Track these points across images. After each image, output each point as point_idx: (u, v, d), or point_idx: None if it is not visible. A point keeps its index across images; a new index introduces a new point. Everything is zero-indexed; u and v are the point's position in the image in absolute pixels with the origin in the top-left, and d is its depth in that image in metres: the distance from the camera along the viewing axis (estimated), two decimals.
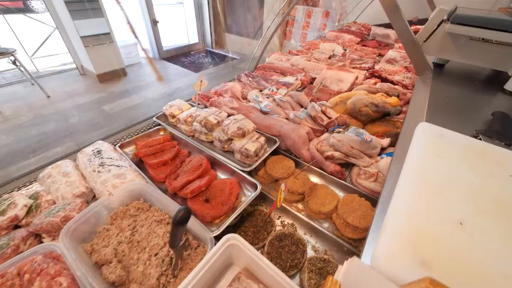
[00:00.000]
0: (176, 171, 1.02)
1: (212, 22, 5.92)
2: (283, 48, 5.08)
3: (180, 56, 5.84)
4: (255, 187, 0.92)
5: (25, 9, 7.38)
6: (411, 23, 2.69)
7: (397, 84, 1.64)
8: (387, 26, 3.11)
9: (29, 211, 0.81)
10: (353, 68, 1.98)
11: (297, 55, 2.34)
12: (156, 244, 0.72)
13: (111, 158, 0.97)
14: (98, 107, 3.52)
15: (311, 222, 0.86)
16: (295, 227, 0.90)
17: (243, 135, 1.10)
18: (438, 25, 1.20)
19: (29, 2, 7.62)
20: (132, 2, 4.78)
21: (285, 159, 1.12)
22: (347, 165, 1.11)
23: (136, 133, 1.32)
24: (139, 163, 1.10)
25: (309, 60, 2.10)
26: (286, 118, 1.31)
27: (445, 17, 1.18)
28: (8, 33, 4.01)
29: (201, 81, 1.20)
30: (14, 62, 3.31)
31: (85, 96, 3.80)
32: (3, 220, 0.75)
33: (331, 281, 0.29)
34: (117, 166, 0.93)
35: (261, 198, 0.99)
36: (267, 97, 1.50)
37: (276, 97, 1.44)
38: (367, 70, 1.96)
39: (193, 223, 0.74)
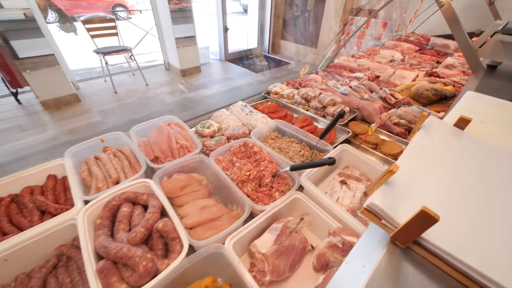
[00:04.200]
0: (291, 122, 1.59)
1: (271, 30, 6.65)
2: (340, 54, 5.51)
3: (240, 59, 6.67)
4: (347, 133, 1.43)
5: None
6: (474, 34, 2.92)
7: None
8: (446, 37, 3.34)
9: (218, 130, 1.44)
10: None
11: (360, 58, 2.80)
12: (295, 149, 1.28)
13: (254, 109, 1.58)
14: (184, 94, 4.41)
15: (384, 156, 1.34)
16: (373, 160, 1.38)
17: (334, 104, 1.62)
18: (492, 35, 1.58)
19: (116, 12, 9.47)
20: (212, 12, 5.74)
21: (361, 123, 1.61)
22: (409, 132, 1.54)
23: (252, 102, 1.94)
24: None
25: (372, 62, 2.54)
26: (360, 99, 1.79)
27: (499, 29, 1.56)
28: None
29: (305, 68, 1.77)
30: (130, 57, 4.38)
31: (172, 85, 4.75)
32: (210, 131, 1.39)
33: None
34: (260, 113, 1.53)
35: (347, 142, 1.49)
36: (342, 86, 2.01)
37: (352, 84, 1.94)
38: (426, 72, 2.33)
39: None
